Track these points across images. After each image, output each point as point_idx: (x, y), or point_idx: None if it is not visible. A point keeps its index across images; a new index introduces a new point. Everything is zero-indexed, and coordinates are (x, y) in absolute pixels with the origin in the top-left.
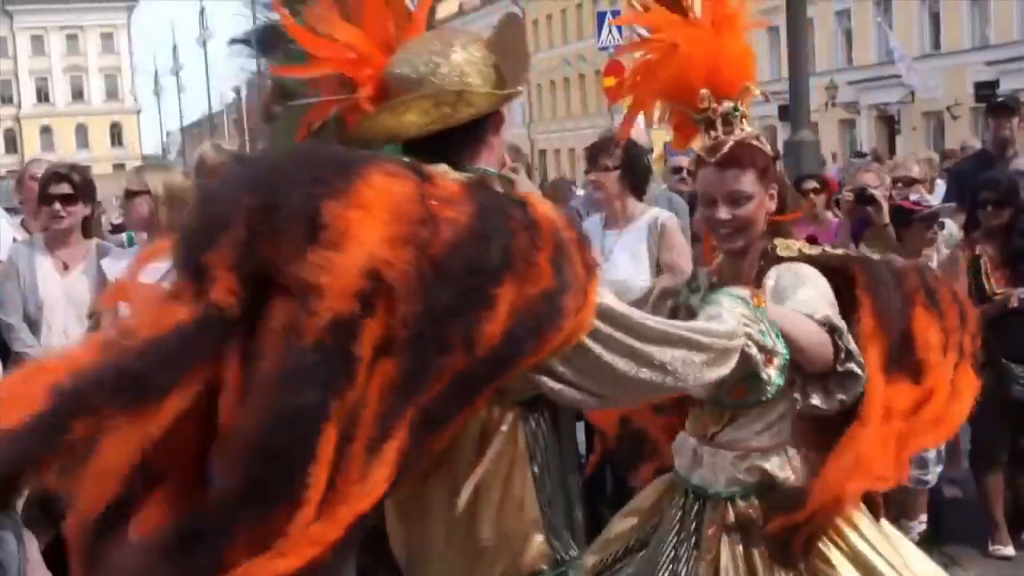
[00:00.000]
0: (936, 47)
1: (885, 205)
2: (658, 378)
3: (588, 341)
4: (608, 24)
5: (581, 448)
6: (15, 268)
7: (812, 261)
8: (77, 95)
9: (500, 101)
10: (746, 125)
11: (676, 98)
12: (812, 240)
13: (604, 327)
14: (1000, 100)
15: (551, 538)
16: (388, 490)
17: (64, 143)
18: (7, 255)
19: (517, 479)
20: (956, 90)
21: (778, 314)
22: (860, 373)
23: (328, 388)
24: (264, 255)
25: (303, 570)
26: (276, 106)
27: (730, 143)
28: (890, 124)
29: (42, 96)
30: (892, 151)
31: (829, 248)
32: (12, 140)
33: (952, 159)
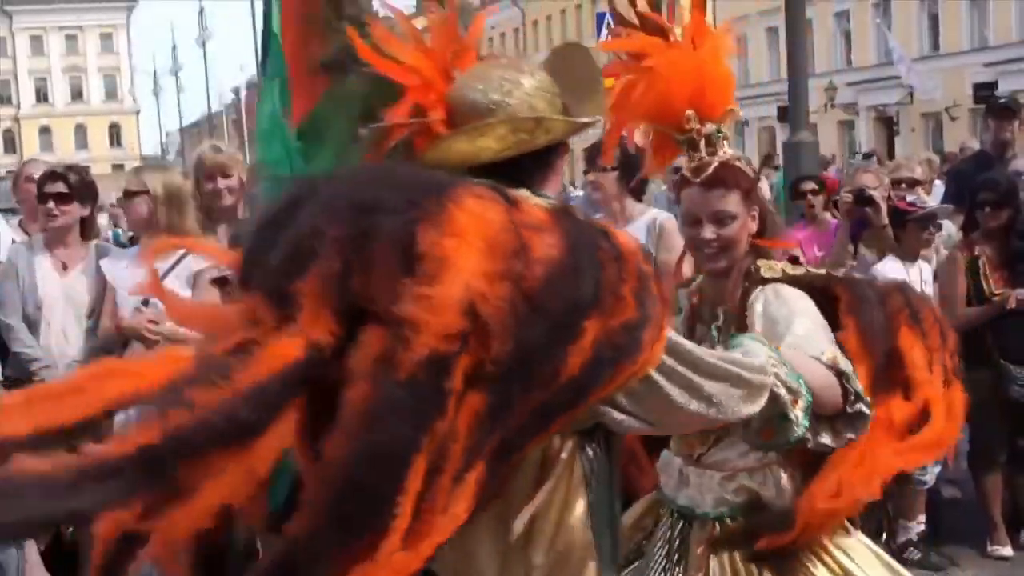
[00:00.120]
0: (935, 48)
1: (884, 206)
2: (704, 410)
3: (654, 374)
4: (608, 25)
5: None
6: (14, 268)
7: (795, 282)
8: (76, 95)
9: (578, 129)
10: (727, 147)
11: (659, 119)
12: (794, 260)
13: (668, 360)
14: (1002, 102)
15: (601, 564)
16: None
17: (63, 143)
18: (6, 256)
19: (573, 506)
20: (955, 91)
21: (791, 358)
22: (868, 413)
23: (420, 423)
24: (359, 287)
25: None
26: (361, 127)
27: (715, 163)
28: (889, 125)
29: (41, 96)
30: (891, 152)
31: (812, 268)
32: (11, 140)
33: (951, 162)
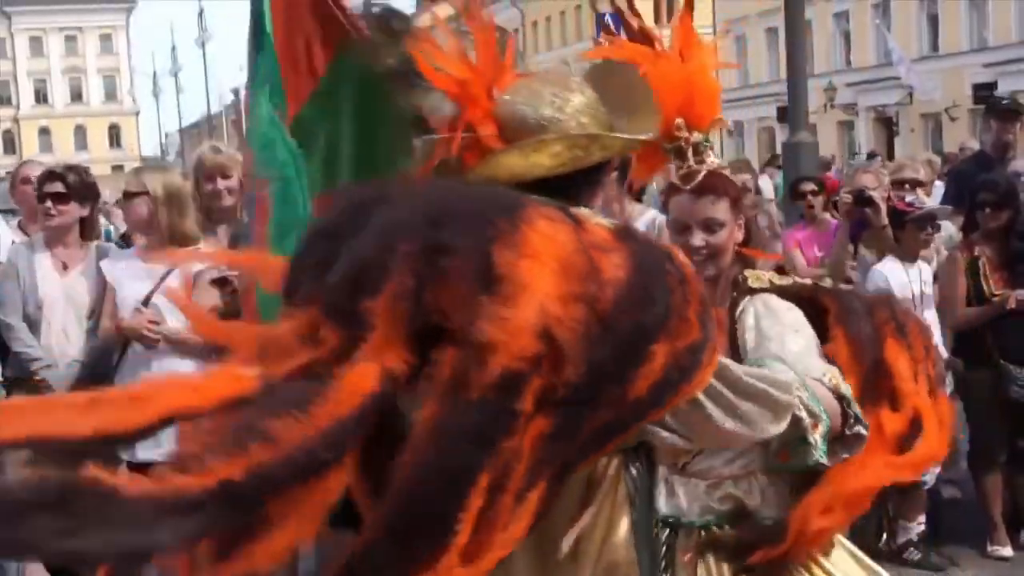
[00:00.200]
0: (934, 49)
1: (883, 207)
2: (739, 429)
3: (701, 394)
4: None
5: None
6: (15, 268)
7: (783, 292)
8: (76, 96)
9: (633, 146)
10: (712, 156)
11: None
12: (780, 270)
13: (714, 380)
14: (1005, 103)
15: None
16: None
17: (62, 144)
18: (6, 256)
19: (618, 525)
20: (954, 92)
21: (812, 383)
22: (866, 435)
23: (488, 444)
24: (432, 304)
25: None
26: (415, 139)
27: (704, 171)
28: (888, 126)
29: (40, 97)
30: (890, 152)
31: (799, 279)
32: (11, 141)
33: (952, 162)
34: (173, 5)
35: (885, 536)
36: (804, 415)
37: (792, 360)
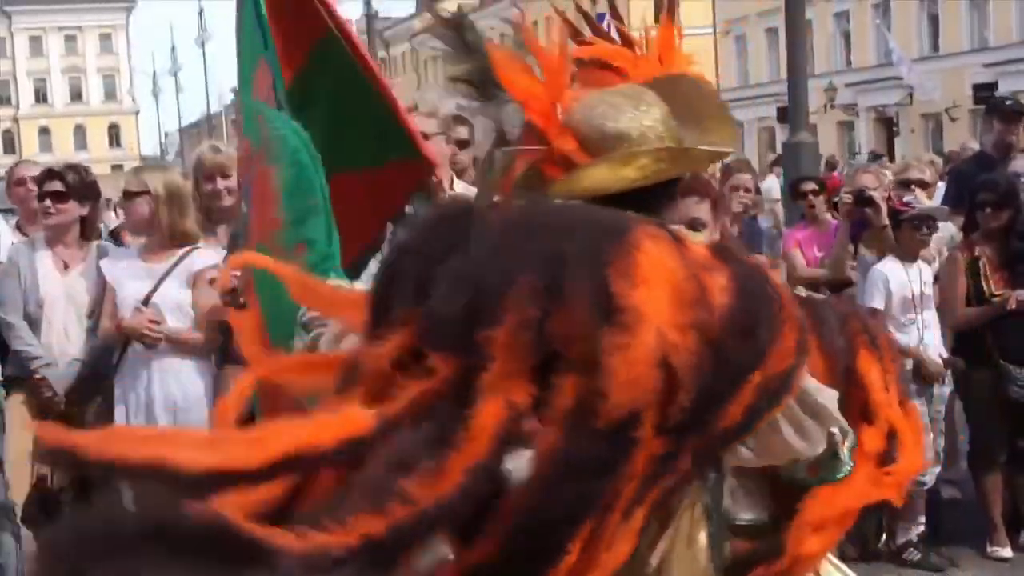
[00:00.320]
0: (935, 49)
1: (884, 207)
2: (801, 445)
3: (778, 413)
4: (607, 25)
5: None
6: (16, 267)
7: None
8: (75, 96)
9: (717, 158)
10: None
11: None
12: None
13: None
14: (1009, 104)
15: None
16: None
17: (62, 144)
18: (7, 255)
19: (697, 538)
20: (954, 92)
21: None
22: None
23: (610, 473)
24: (555, 334)
25: None
26: (496, 151)
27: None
28: (889, 126)
29: (40, 97)
30: (891, 153)
31: None
32: (10, 141)
33: (955, 161)
34: (173, 5)
35: (885, 536)
36: (836, 430)
37: None
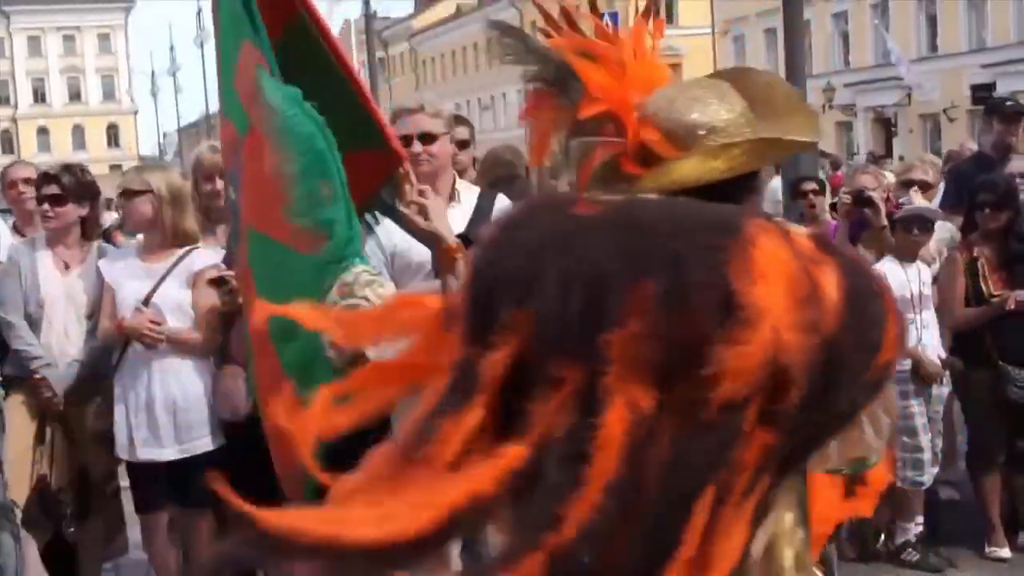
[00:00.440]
0: (933, 49)
1: (883, 207)
2: (872, 439)
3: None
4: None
5: None
6: (16, 267)
7: None
8: (74, 96)
9: (804, 149)
10: None
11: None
12: None
13: None
14: (1009, 105)
15: None
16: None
17: (61, 144)
18: (7, 254)
19: (796, 531)
20: (953, 92)
21: None
22: None
23: (717, 464)
24: (675, 337)
25: None
26: (571, 141)
27: None
28: (887, 126)
29: (39, 97)
30: (889, 153)
31: None
32: (8, 141)
33: (955, 160)
34: (171, 5)
35: (883, 537)
36: (889, 420)
37: None
